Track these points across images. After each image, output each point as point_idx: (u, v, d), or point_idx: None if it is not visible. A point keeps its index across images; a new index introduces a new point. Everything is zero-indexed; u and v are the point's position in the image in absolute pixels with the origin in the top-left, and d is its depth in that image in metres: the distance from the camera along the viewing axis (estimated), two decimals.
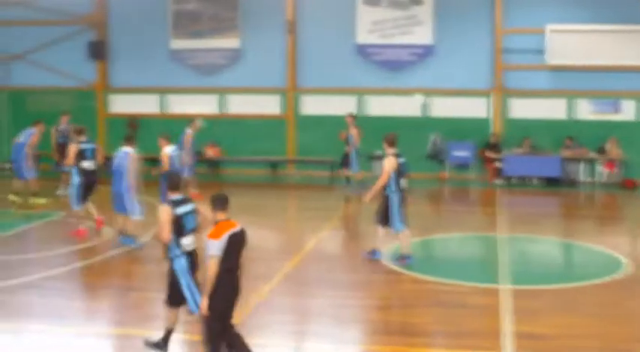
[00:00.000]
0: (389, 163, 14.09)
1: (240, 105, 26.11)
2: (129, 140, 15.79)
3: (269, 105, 25.89)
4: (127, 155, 15.51)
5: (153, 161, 22.12)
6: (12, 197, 20.15)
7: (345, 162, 21.34)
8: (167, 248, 9.51)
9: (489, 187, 23.85)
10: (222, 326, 8.92)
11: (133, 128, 23.55)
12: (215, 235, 8.77)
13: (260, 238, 17.34)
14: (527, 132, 24.42)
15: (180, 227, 9.52)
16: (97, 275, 13.87)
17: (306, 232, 17.81)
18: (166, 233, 9.45)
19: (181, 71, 26.38)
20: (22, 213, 19.03)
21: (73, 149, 16.81)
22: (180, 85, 26.43)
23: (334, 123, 23.27)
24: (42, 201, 19.94)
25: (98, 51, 26.50)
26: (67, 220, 17.81)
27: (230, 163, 26.23)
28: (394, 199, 14.13)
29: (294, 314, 11.73)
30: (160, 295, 12.16)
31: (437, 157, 24.92)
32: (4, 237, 16.62)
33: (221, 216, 8.97)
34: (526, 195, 23.07)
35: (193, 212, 9.81)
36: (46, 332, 10.74)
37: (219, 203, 8.99)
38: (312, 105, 25.68)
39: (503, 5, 24.44)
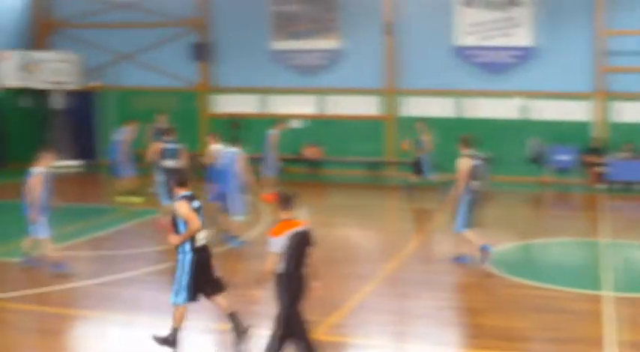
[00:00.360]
0: (463, 165, 14.09)
1: (339, 106, 26.30)
2: (235, 140, 16.09)
3: (368, 107, 26.00)
4: (235, 155, 15.78)
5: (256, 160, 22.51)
6: (120, 198, 20.60)
7: (417, 168, 21.44)
8: (180, 243, 9.75)
9: (591, 192, 23.43)
10: (287, 319, 9.03)
11: (235, 128, 23.97)
12: (275, 233, 8.90)
13: (359, 239, 17.54)
14: (631, 137, 23.89)
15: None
16: None
17: (406, 233, 17.88)
18: (197, 222, 9.68)
19: (282, 72, 26.72)
20: (125, 210, 19.61)
21: (155, 147, 17.30)
22: (280, 85, 26.78)
23: (433, 125, 23.21)
24: (138, 199, 20.34)
25: (201, 52, 27.09)
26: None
27: (329, 164, 26.45)
28: (464, 200, 14.14)
29: (394, 315, 11.81)
30: (262, 292, 12.45)
31: (538, 161, 24.62)
32: (110, 234, 17.18)
33: (285, 215, 9.07)
34: (630, 201, 22.59)
35: (201, 208, 10.02)
36: (153, 325, 11.10)
37: (284, 202, 9.09)
38: (411, 107, 25.67)
39: (605, 6, 23.98)
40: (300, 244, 8.98)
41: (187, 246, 9.81)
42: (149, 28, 27.96)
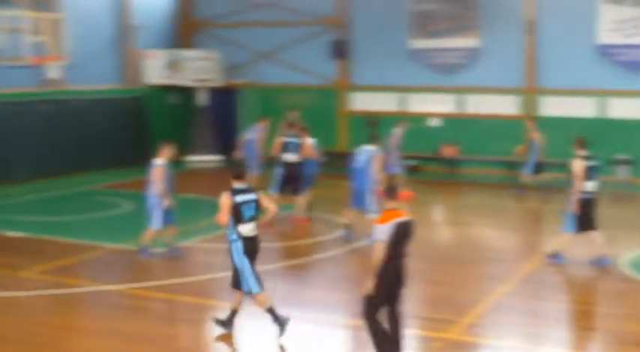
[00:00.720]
0: (576, 166, 13.93)
1: (478, 104, 26.08)
2: (373, 139, 16.20)
3: (506, 106, 25.66)
4: (372, 154, 15.87)
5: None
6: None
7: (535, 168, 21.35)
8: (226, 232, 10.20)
9: None
10: (380, 306, 9.27)
11: (373, 126, 24.14)
12: (382, 221, 9.12)
13: (496, 239, 17.39)
14: None
15: (238, 214, 10.14)
16: (337, 266, 14.43)
17: (544, 234, 17.64)
18: (224, 217, 10.12)
19: (419, 70, 26.68)
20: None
21: (278, 141, 17.83)
22: (418, 83, 26.77)
23: (574, 125, 22.75)
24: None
25: (340, 50, 27.39)
26: (308, 213, 18.64)
27: (466, 163, 26.29)
28: (575, 202, 13.95)
29: (528, 317, 11.69)
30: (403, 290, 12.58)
31: None
32: None
33: (390, 204, 9.27)
34: None
35: (253, 201, 10.31)
36: (293, 318, 11.36)
37: (389, 193, 9.33)
38: (551, 107, 25.20)
39: None
40: (402, 233, 9.19)
41: (234, 236, 10.25)
42: (289, 27, 28.48)
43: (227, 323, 10.55)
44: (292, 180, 17.78)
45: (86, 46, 25.17)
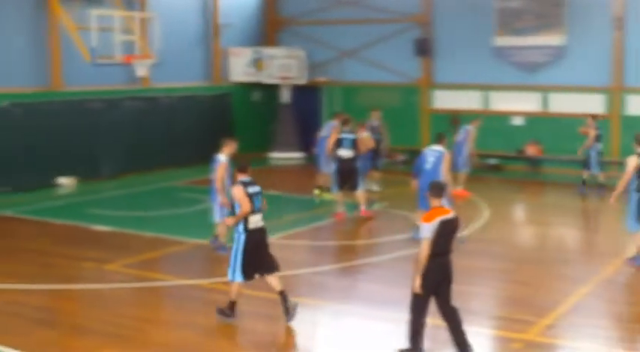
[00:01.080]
0: (631, 162, 13.86)
1: (563, 103, 25.66)
2: (440, 138, 15.94)
3: (592, 105, 25.18)
4: (441, 154, 15.57)
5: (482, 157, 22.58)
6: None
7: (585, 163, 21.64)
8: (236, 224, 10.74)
9: None
10: (426, 302, 9.49)
11: (455, 124, 24.00)
12: (427, 219, 9.33)
13: (577, 239, 17.21)
14: None
15: (250, 205, 10.68)
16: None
17: (625, 235, 17.32)
18: (247, 205, 10.64)
19: (504, 68, 26.40)
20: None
21: (333, 138, 18.10)
22: (502, 82, 26.50)
23: None
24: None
25: (423, 48, 27.29)
26: (388, 211, 18.71)
27: (550, 162, 25.94)
28: (634, 198, 13.89)
29: (608, 320, 11.56)
30: (482, 289, 12.64)
31: None
32: (327, 224, 17.78)
33: (435, 202, 9.49)
34: None
35: (260, 193, 10.95)
36: (364, 315, 11.49)
37: (435, 191, 9.53)
38: (638, 106, 24.66)
39: None
40: (447, 231, 9.38)
41: (241, 227, 10.79)
42: (372, 25, 28.52)
43: (228, 312, 10.95)
44: (347, 175, 17.85)
45: (173, 44, 25.69)
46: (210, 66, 28.55)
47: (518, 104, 26.22)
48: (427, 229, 9.27)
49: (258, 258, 10.92)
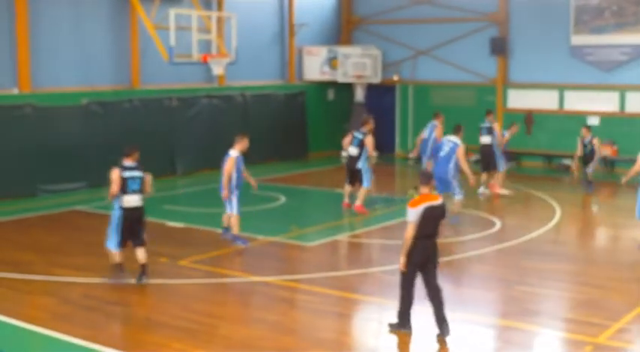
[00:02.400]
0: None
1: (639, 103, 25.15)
2: (457, 130, 17.18)
3: None
4: (455, 146, 16.75)
5: (548, 157, 22.26)
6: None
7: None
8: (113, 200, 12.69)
9: None
10: (411, 279, 10.30)
11: (529, 123, 23.76)
12: (413, 204, 10.13)
13: None
14: None
15: (124, 187, 12.51)
16: (483, 265, 14.38)
17: None
18: (115, 187, 12.50)
19: (581, 67, 26.01)
20: None
21: (347, 137, 19.05)
22: (578, 81, 26.11)
23: None
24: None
25: (499, 47, 27.06)
26: (462, 210, 18.63)
27: (624, 163, 25.42)
28: None
29: None
30: (554, 291, 12.52)
31: None
32: (399, 223, 17.71)
33: (423, 190, 10.26)
34: None
35: (139, 178, 12.70)
36: (424, 313, 11.44)
37: (422, 179, 10.32)
38: None
39: None
40: (430, 216, 10.13)
41: (116, 205, 12.69)
42: (447, 23, 28.39)
43: (141, 276, 12.80)
44: (350, 172, 18.62)
45: (249, 43, 26.02)
46: (285, 65, 28.78)
47: (593, 104, 25.80)
48: (413, 213, 10.05)
49: (130, 232, 12.70)
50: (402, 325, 10.42)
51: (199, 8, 23.56)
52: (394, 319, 10.52)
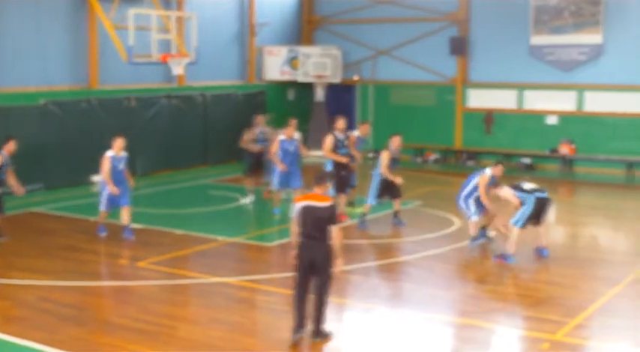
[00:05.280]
0: None
1: (599, 102, 25.40)
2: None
3: (629, 104, 24.91)
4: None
5: (508, 156, 22.37)
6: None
7: None
8: None
9: None
10: (301, 278, 10.02)
11: (489, 122, 23.92)
12: (295, 200, 10.21)
13: (611, 240, 17.05)
14: None
15: None
16: (446, 264, 14.43)
17: None
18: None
19: (540, 67, 26.21)
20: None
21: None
22: (537, 81, 26.32)
23: None
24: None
25: (459, 46, 27.18)
26: (423, 210, 18.66)
27: (584, 162, 25.71)
28: None
29: (637, 321, 11.42)
30: (513, 289, 12.58)
31: None
32: (353, 224, 17.73)
33: (316, 190, 10.08)
34: None
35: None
36: (394, 314, 11.49)
37: (315, 179, 10.15)
38: None
39: None
40: (311, 216, 9.85)
41: None
42: (407, 23, 28.47)
43: None
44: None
45: (209, 43, 25.86)
46: (245, 65, 28.67)
47: (552, 103, 26.03)
48: (294, 209, 10.05)
49: None
50: (295, 324, 10.05)
51: (159, 8, 23.37)
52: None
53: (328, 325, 10.30)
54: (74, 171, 21.95)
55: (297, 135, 19.11)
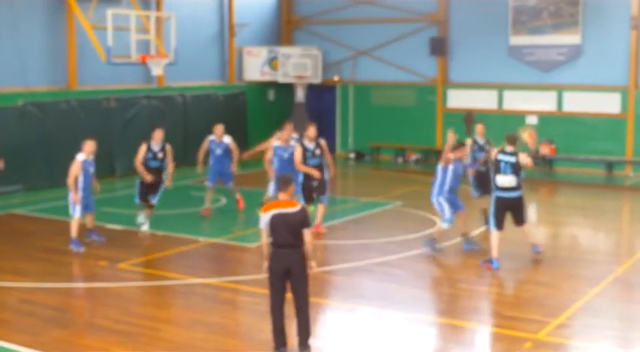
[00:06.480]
0: None
1: (578, 103, 25.54)
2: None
3: (608, 104, 25.06)
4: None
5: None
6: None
7: None
8: None
9: None
10: (276, 289, 9.75)
11: (469, 122, 23.96)
12: (263, 210, 9.77)
13: (591, 239, 17.12)
14: None
15: None
16: (428, 264, 14.43)
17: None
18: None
19: (519, 67, 26.32)
20: (357, 201, 20.21)
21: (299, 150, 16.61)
22: (517, 81, 26.43)
23: None
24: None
25: (439, 47, 27.25)
26: (404, 210, 18.68)
27: (564, 162, 25.84)
28: None
29: (621, 321, 11.52)
30: (495, 289, 12.61)
31: None
32: (342, 223, 17.77)
33: (281, 195, 9.81)
34: None
35: None
36: (376, 314, 11.48)
37: (280, 184, 9.84)
38: None
39: None
40: (282, 224, 9.56)
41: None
42: (387, 24, 28.50)
43: None
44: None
45: (189, 43, 25.79)
46: (225, 65, 28.61)
47: (532, 103, 26.14)
48: (262, 220, 9.70)
49: None
50: (276, 346, 9.77)
51: (138, 8, 23.27)
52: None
53: (312, 325, 10.27)
54: (54, 172, 21.77)
55: (293, 142, 17.51)
